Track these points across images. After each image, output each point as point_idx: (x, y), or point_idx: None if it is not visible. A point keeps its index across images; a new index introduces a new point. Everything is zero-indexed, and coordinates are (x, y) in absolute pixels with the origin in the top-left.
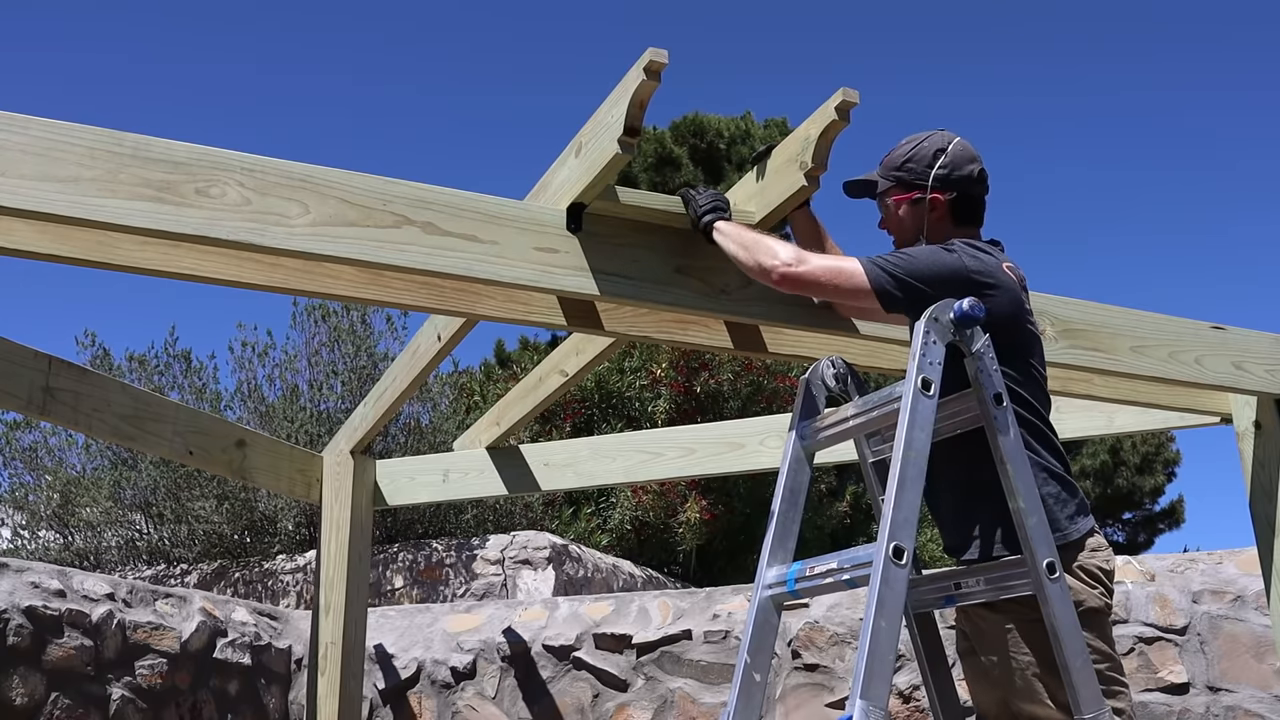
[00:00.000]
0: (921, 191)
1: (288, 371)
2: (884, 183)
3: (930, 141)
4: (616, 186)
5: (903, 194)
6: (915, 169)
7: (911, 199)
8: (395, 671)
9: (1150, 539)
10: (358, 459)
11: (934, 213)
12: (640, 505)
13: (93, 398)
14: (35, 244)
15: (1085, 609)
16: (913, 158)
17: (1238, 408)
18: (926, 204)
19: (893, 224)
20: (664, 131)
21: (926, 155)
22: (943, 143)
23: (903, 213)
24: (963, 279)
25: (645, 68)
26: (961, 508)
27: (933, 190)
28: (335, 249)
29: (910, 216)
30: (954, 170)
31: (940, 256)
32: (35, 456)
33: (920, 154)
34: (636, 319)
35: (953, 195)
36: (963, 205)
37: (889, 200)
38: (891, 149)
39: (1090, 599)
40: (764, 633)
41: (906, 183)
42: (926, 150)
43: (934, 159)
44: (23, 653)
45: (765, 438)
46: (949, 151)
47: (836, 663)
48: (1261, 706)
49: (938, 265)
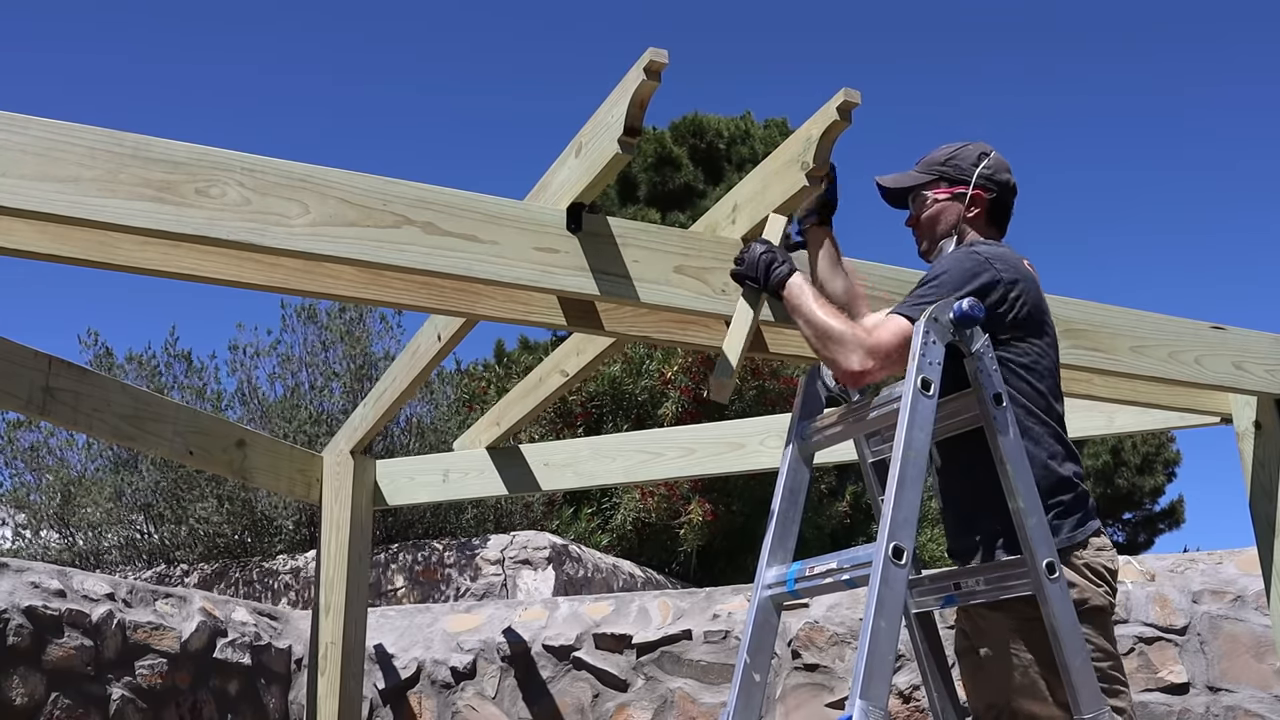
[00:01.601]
0: (965, 187)
1: (287, 372)
2: (925, 176)
3: (972, 146)
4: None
5: (946, 189)
6: (961, 166)
7: (954, 193)
8: (395, 671)
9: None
10: (358, 459)
11: (974, 210)
12: (645, 506)
13: (93, 398)
14: (35, 244)
15: (1090, 607)
16: (956, 156)
17: (1238, 408)
18: (968, 200)
19: (928, 220)
20: (664, 132)
21: (971, 155)
22: (985, 148)
23: (942, 207)
24: (993, 283)
25: (645, 68)
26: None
27: (976, 187)
28: (335, 249)
29: (949, 212)
30: (996, 173)
31: (969, 275)
32: (36, 456)
33: (964, 154)
34: (636, 319)
35: (993, 195)
36: (999, 209)
37: (929, 194)
38: (929, 152)
39: (1095, 597)
40: (764, 633)
41: (951, 178)
42: (970, 152)
43: (978, 159)
44: (23, 653)
45: (765, 438)
46: (991, 156)
47: (836, 663)
48: (1261, 706)
49: (971, 286)
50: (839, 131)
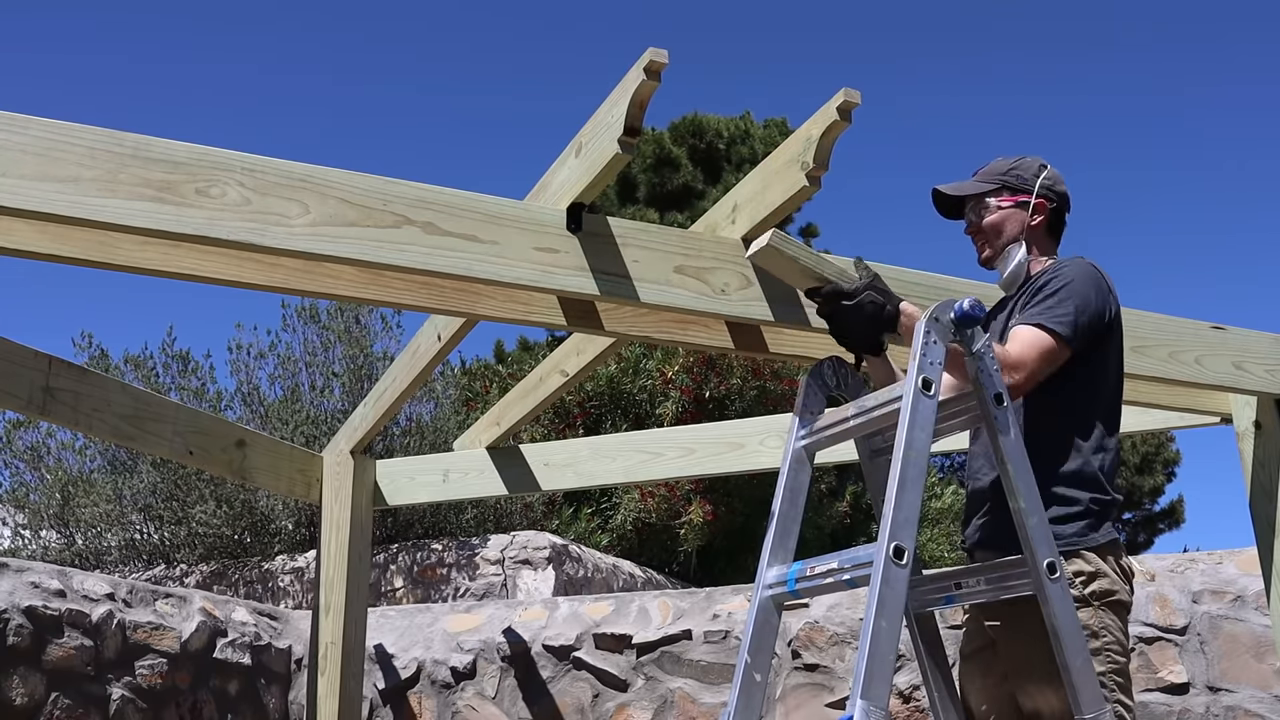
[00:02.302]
0: (1029, 196)
1: (286, 372)
2: (987, 185)
3: (1030, 158)
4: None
5: (1010, 197)
6: (1023, 176)
7: (1018, 201)
8: (395, 671)
9: (1150, 539)
10: (358, 459)
11: (1037, 218)
12: (645, 507)
13: (93, 398)
14: (35, 244)
15: (1117, 599)
16: (1018, 167)
17: (1238, 408)
18: (1032, 208)
19: (992, 226)
20: (663, 132)
21: (1032, 166)
22: (1043, 160)
23: (1006, 214)
24: (1111, 294)
25: (645, 68)
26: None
27: (1039, 196)
28: (335, 249)
29: (1013, 220)
30: (1056, 184)
31: (1095, 285)
32: (36, 456)
33: (1025, 165)
34: (636, 319)
35: (1054, 205)
36: (1058, 220)
37: (993, 201)
38: (987, 164)
39: (1123, 593)
40: (764, 633)
41: (1014, 187)
42: (1030, 163)
43: (1040, 170)
44: (23, 653)
45: (765, 438)
46: (1049, 169)
47: (836, 663)
48: (1261, 706)
49: (1098, 299)
50: (839, 131)
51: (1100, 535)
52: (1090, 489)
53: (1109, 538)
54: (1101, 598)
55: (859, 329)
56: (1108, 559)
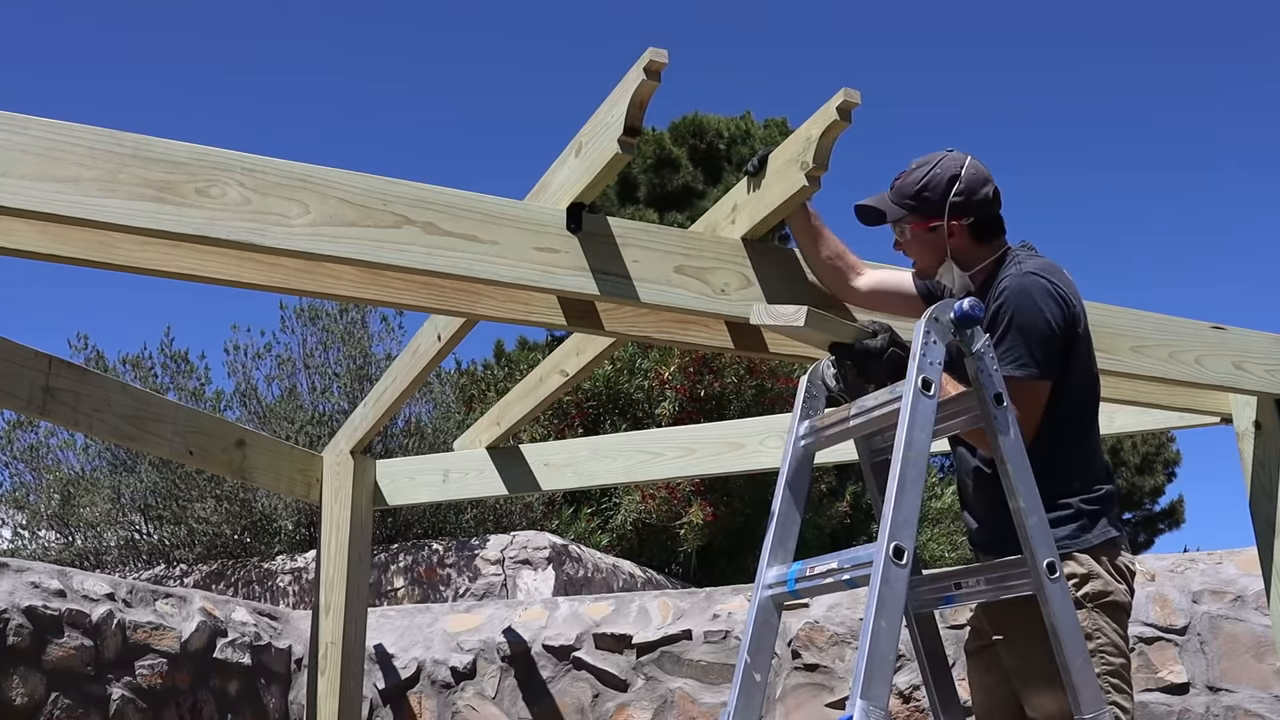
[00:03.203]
0: (939, 219)
1: (286, 373)
2: (899, 210)
3: (943, 166)
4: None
5: (920, 222)
6: (931, 198)
7: (929, 227)
8: (395, 671)
9: (1150, 539)
10: (358, 459)
11: (953, 238)
12: (645, 507)
13: (93, 398)
14: (35, 244)
15: (1111, 601)
16: (927, 185)
17: (1238, 408)
18: (945, 230)
19: (912, 250)
20: (663, 132)
21: (941, 183)
22: (955, 167)
23: (922, 240)
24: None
25: (645, 67)
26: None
27: (951, 217)
28: (335, 249)
29: (930, 243)
30: (970, 196)
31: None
32: (35, 456)
33: (934, 182)
34: (636, 319)
35: (969, 220)
36: (981, 226)
37: (907, 227)
38: (903, 174)
39: (1119, 594)
40: (764, 633)
41: (923, 211)
42: (941, 177)
43: (949, 186)
44: (23, 653)
45: (765, 438)
46: (963, 178)
47: (836, 663)
48: (1261, 706)
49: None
50: (839, 131)
51: (1094, 536)
52: (1078, 490)
53: (1104, 537)
54: (1095, 599)
55: (881, 376)
56: (1101, 560)
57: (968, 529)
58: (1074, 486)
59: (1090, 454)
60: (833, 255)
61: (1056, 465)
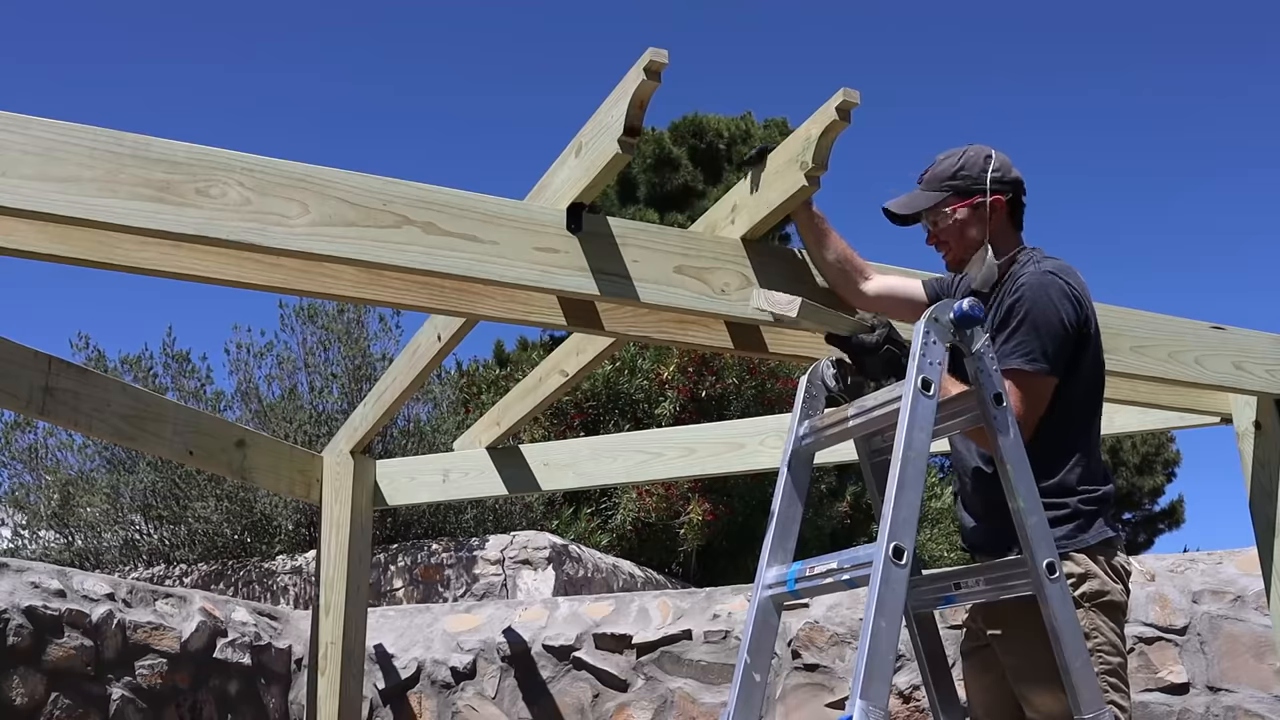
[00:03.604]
0: (982, 195)
1: (286, 372)
2: (937, 195)
3: (974, 151)
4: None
5: (962, 201)
6: (970, 175)
7: (972, 204)
8: (395, 671)
9: (1150, 539)
10: (358, 459)
11: (995, 215)
12: (644, 506)
13: (93, 398)
14: (35, 244)
15: (1108, 600)
16: (963, 167)
17: (1238, 408)
18: (988, 207)
19: (952, 235)
20: (663, 132)
21: (977, 161)
22: (986, 150)
23: (963, 220)
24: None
25: (645, 68)
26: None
27: (992, 193)
28: (335, 249)
29: (972, 223)
30: (1006, 173)
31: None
32: (35, 457)
33: (970, 162)
34: (636, 319)
35: (1009, 196)
36: (1016, 208)
37: (947, 210)
38: (929, 167)
39: (1115, 594)
40: (764, 633)
41: (964, 190)
42: (974, 158)
43: (985, 164)
44: (23, 653)
45: (765, 438)
46: (995, 157)
47: (836, 663)
48: (1261, 706)
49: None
50: (838, 131)
51: (1090, 536)
52: (1076, 491)
53: (1101, 538)
54: (1092, 599)
55: (876, 371)
56: (1098, 559)
57: (962, 528)
58: (1073, 487)
59: (1089, 455)
60: (840, 258)
61: (1056, 465)
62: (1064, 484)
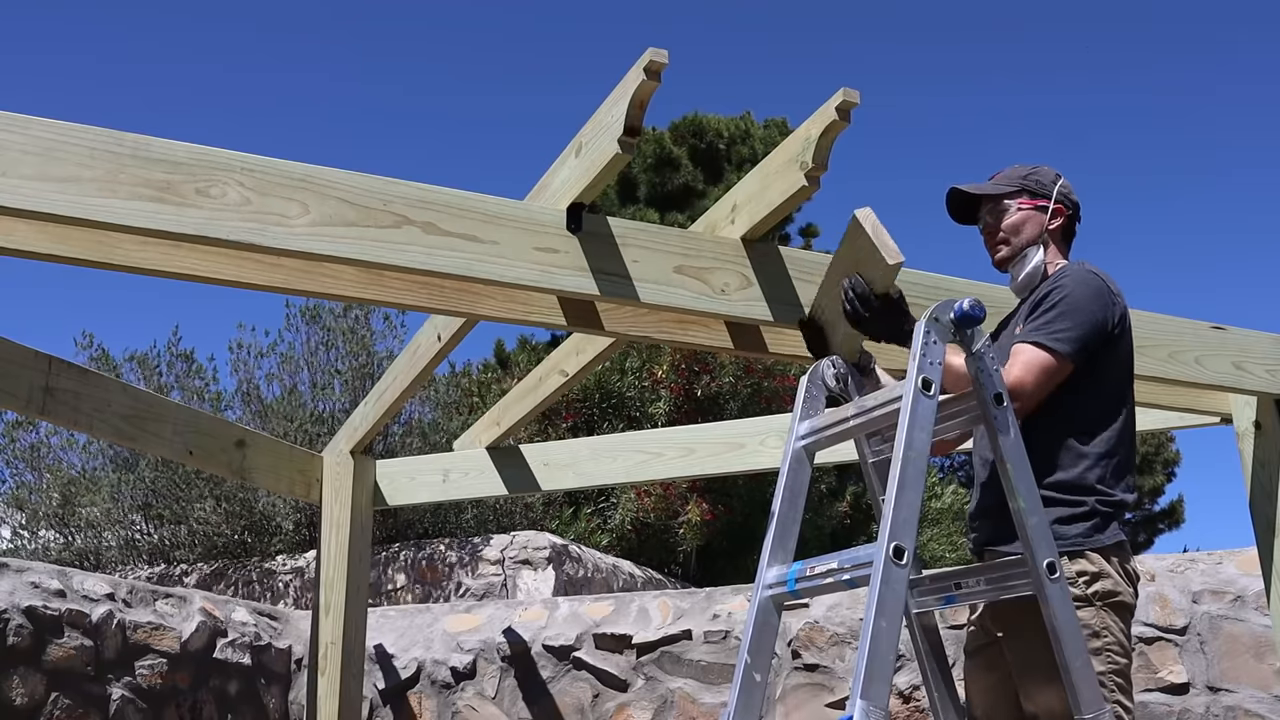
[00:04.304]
0: (1047, 201)
1: (287, 372)
2: (1008, 187)
3: (1046, 167)
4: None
5: (1031, 200)
6: (1042, 181)
7: (1037, 205)
8: (395, 671)
9: (1150, 539)
10: (358, 459)
11: (1055, 222)
12: (642, 506)
13: (93, 398)
14: (35, 244)
15: (1120, 601)
16: (1037, 173)
17: (1238, 408)
18: (1050, 212)
19: (1011, 228)
20: (663, 132)
21: (1049, 174)
22: (1054, 170)
23: (1026, 217)
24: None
25: (645, 68)
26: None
27: (1056, 202)
28: (335, 249)
29: (1032, 222)
30: (1071, 193)
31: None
32: (35, 456)
33: (1043, 172)
34: (636, 319)
35: (1069, 213)
36: (1072, 226)
37: (1013, 203)
38: (1002, 170)
39: (1127, 596)
40: (764, 633)
41: (1034, 191)
42: (1047, 171)
43: (1056, 178)
44: (23, 653)
45: (765, 438)
46: (1064, 178)
47: (836, 663)
48: (1261, 706)
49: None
50: (838, 131)
51: (1106, 537)
52: (1096, 491)
53: (1115, 540)
54: (1104, 598)
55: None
56: (1112, 561)
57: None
58: (1092, 486)
59: (1113, 459)
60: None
61: (1081, 463)
62: (1083, 482)
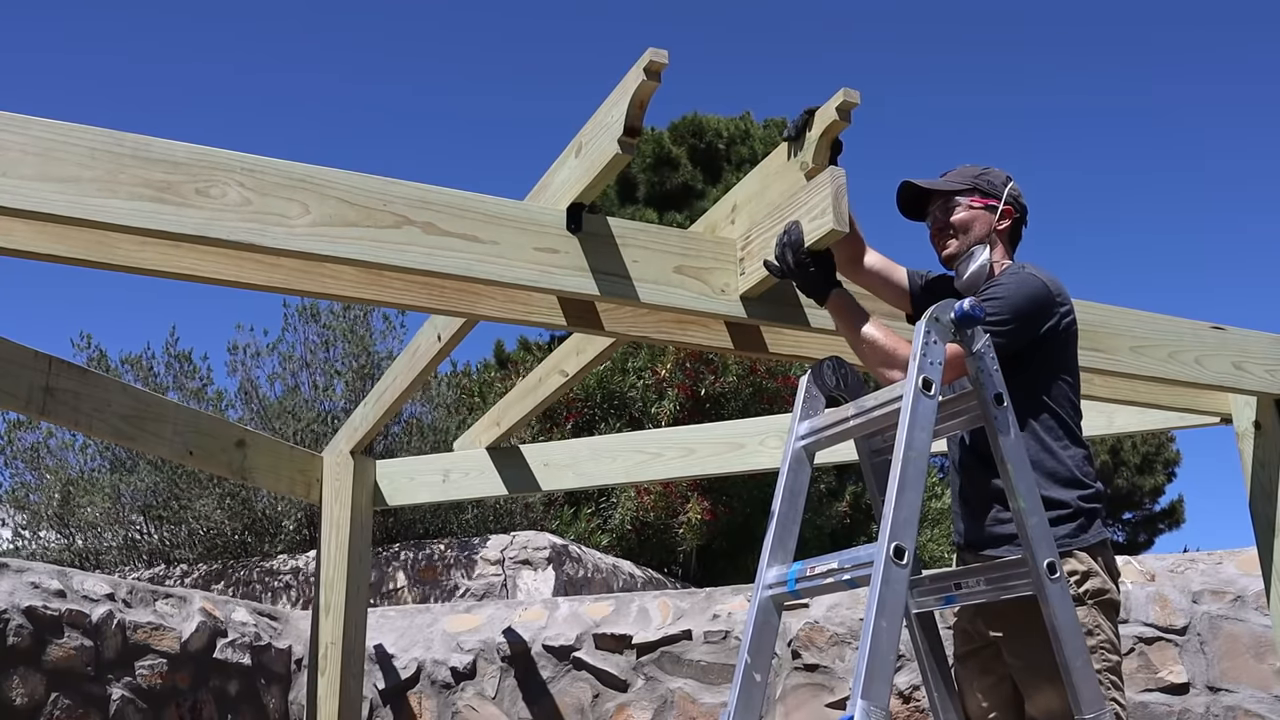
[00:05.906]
0: (997, 201)
1: (289, 371)
2: (960, 184)
3: (996, 169)
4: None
5: (982, 199)
6: (993, 182)
7: (988, 204)
8: (395, 671)
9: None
10: (358, 459)
11: (1004, 223)
12: (642, 505)
13: (93, 398)
14: (35, 244)
15: (1108, 599)
16: (987, 175)
17: (1238, 408)
18: (1000, 213)
19: (960, 224)
20: (663, 132)
21: (1000, 175)
22: (1005, 173)
23: (976, 215)
24: (1050, 305)
25: (645, 68)
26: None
27: (1006, 203)
28: (335, 249)
29: (981, 221)
30: (1020, 196)
31: (1029, 296)
32: (36, 456)
33: (994, 174)
34: (636, 319)
35: (1017, 215)
36: (1018, 229)
37: (964, 200)
38: (954, 168)
39: (1114, 593)
40: (764, 633)
41: (986, 191)
42: (998, 172)
43: (1007, 180)
44: (23, 653)
45: (765, 438)
46: (1013, 181)
47: (836, 663)
48: (1261, 706)
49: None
50: (838, 131)
51: (1091, 535)
52: (1075, 488)
53: (1099, 538)
54: (1094, 596)
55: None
56: (1098, 559)
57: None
58: (1073, 486)
59: (1085, 455)
60: (854, 239)
61: (1057, 464)
62: (1065, 483)
